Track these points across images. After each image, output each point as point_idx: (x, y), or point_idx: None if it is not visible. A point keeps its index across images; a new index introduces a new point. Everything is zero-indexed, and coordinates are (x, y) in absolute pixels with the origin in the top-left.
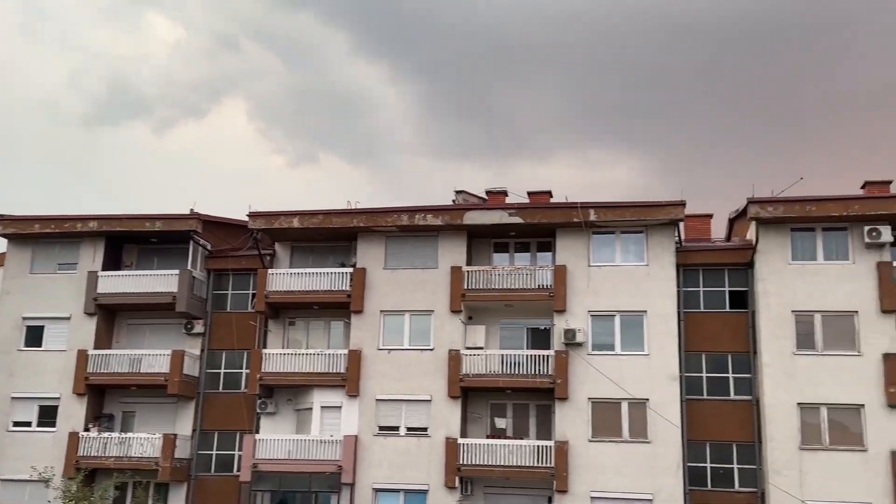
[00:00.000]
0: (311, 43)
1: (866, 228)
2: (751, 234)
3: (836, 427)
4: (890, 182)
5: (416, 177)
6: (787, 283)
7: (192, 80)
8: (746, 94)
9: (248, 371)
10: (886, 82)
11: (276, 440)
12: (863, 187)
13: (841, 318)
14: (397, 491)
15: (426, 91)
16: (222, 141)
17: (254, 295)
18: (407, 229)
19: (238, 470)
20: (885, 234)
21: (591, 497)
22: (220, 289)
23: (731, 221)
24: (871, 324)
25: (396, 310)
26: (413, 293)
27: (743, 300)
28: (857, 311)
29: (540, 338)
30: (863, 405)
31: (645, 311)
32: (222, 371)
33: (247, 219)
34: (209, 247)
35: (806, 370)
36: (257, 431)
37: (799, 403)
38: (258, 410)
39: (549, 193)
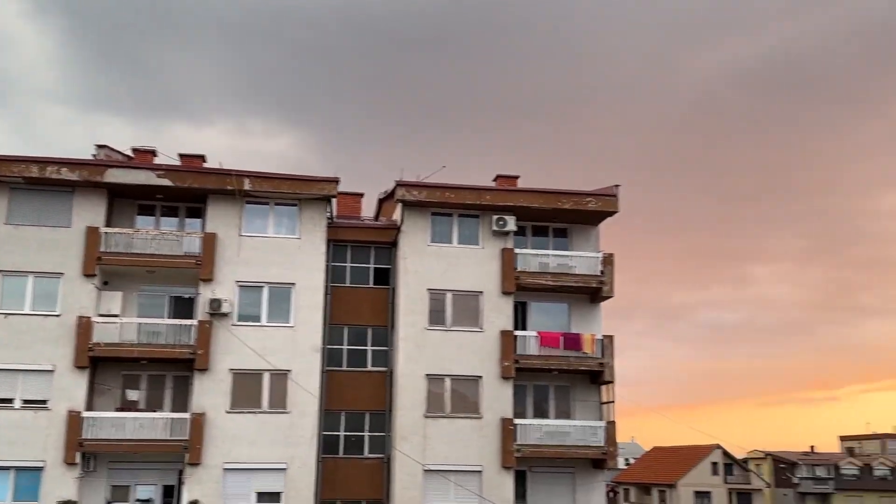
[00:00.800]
0: None
1: (494, 217)
2: (397, 216)
3: (458, 396)
4: (518, 177)
5: (52, 126)
6: (425, 263)
7: None
8: (404, 86)
9: None
10: (525, 91)
11: None
12: (495, 180)
13: (468, 297)
14: (6, 469)
15: (73, 35)
16: None
17: None
18: (36, 182)
19: None
20: (511, 223)
21: (224, 469)
22: None
23: (381, 202)
24: (492, 303)
25: (17, 270)
26: (39, 253)
27: (386, 277)
28: (482, 292)
29: (183, 307)
30: (481, 376)
31: (294, 284)
32: None
33: None
34: None
35: (435, 344)
36: None
37: (427, 374)
38: None
39: (203, 158)
